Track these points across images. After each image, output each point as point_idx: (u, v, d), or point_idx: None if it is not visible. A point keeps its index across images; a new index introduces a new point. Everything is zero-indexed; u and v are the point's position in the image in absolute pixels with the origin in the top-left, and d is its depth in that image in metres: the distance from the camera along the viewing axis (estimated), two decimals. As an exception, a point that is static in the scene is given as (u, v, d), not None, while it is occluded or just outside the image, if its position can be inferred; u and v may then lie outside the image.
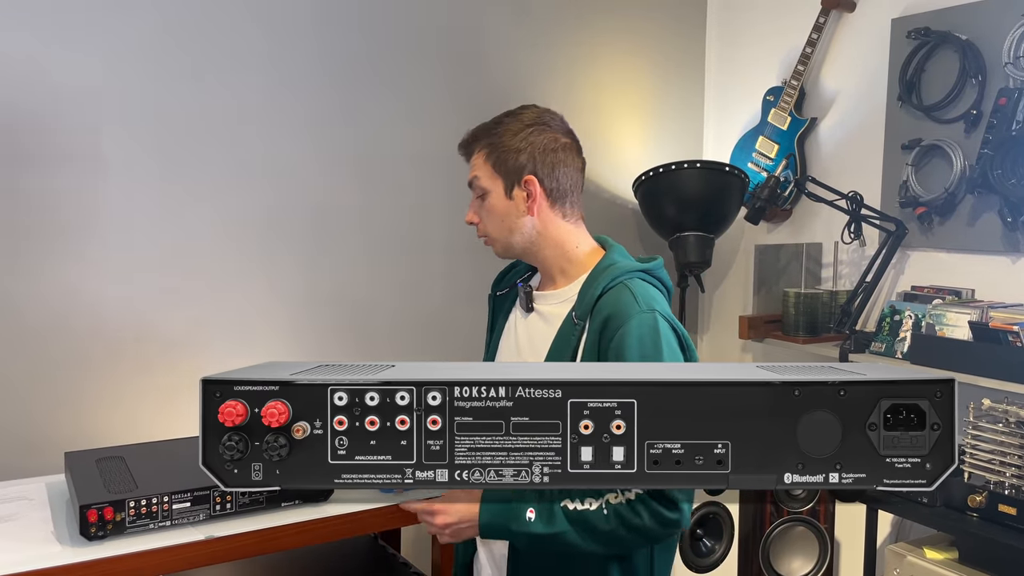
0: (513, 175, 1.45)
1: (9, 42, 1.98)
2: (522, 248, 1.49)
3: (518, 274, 1.62)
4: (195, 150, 2.24)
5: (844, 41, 2.79)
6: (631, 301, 1.35)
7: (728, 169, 2.74)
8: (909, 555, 2.15)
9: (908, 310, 2.44)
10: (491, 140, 1.47)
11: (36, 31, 2.01)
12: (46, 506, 1.62)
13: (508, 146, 1.45)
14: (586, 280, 1.43)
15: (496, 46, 2.74)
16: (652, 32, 3.10)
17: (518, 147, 1.44)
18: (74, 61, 2.06)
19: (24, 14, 1.99)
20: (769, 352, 3.01)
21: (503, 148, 1.45)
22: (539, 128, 1.46)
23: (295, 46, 2.37)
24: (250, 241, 2.33)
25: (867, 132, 2.71)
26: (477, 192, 1.49)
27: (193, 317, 2.25)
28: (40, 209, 2.05)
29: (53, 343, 2.07)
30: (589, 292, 1.39)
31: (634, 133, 3.07)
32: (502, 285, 1.64)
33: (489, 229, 1.49)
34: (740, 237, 3.14)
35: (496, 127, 1.47)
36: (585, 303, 1.39)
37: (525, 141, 1.45)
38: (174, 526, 1.51)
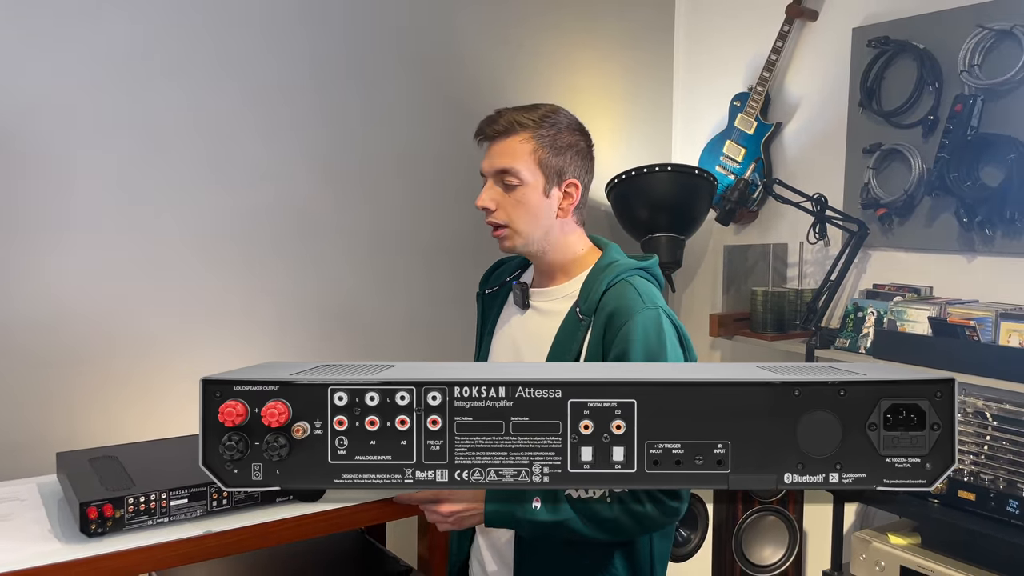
0: (557, 175, 1.43)
1: (-9, 45, 1.99)
2: (538, 247, 1.47)
3: (507, 271, 1.63)
4: (181, 153, 2.26)
5: (807, 49, 2.90)
6: (635, 297, 1.38)
7: (698, 172, 2.83)
8: (874, 541, 2.25)
9: (870, 307, 2.54)
10: (540, 133, 1.42)
11: (11, 33, 2.02)
12: (40, 506, 1.63)
13: (558, 145, 1.42)
14: (588, 277, 1.46)
15: (473, 50, 2.79)
16: (622, 38, 3.18)
17: (567, 145, 1.43)
18: (61, 63, 2.07)
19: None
20: (738, 349, 3.10)
21: (554, 146, 1.42)
22: (580, 133, 1.46)
23: (274, 49, 2.40)
24: (238, 243, 2.36)
25: (830, 136, 2.81)
26: (506, 179, 1.43)
27: (181, 319, 2.27)
28: (29, 209, 2.05)
29: (41, 345, 2.07)
30: (593, 289, 1.41)
31: (605, 136, 3.15)
32: (491, 283, 1.65)
33: (516, 222, 1.44)
34: (709, 238, 3.23)
35: (542, 121, 1.43)
36: (590, 300, 1.41)
37: (571, 140, 1.44)
38: (172, 522, 1.53)
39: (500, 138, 1.44)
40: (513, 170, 1.42)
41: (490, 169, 1.46)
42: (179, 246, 2.28)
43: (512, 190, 1.43)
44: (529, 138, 1.42)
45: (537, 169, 1.42)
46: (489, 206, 1.45)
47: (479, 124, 1.49)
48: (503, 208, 1.44)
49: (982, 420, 2.05)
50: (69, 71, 2.09)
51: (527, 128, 1.42)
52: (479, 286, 1.67)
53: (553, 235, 1.47)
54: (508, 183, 1.43)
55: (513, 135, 1.43)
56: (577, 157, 1.46)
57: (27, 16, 2.03)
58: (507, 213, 1.44)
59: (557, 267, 1.50)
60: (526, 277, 1.58)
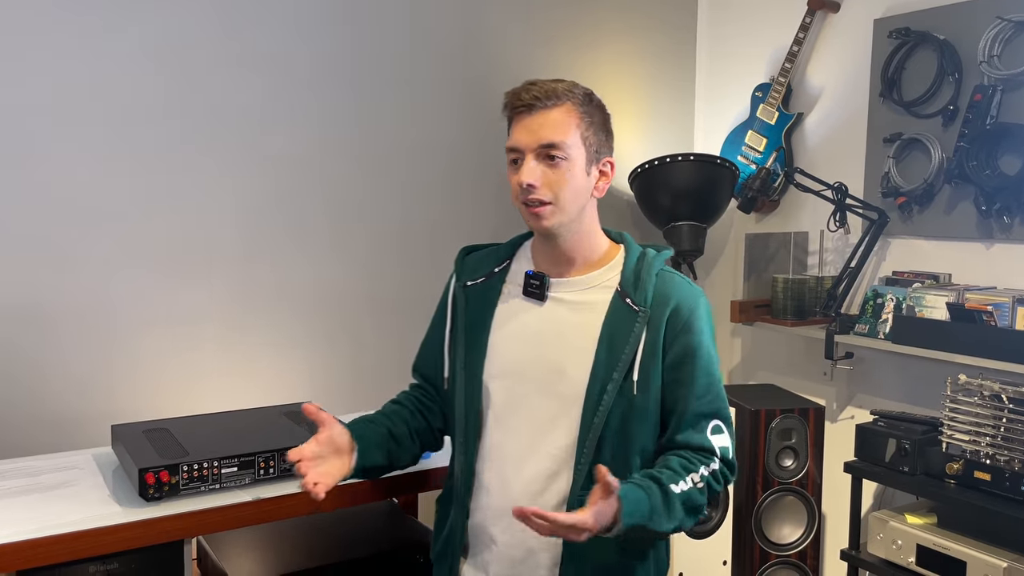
0: (597, 153, 1.39)
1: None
2: (575, 229, 1.40)
3: (490, 260, 1.52)
4: (224, 140, 2.35)
5: (829, 40, 2.94)
6: (689, 287, 1.46)
7: (720, 161, 2.88)
8: (891, 521, 2.30)
9: (890, 294, 2.59)
10: (586, 109, 1.36)
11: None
12: (97, 473, 1.73)
13: (597, 121, 1.38)
14: (630, 266, 1.43)
15: (498, 40, 2.86)
16: (645, 29, 3.23)
17: (602, 125, 1.39)
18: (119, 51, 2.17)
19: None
20: (758, 335, 3.16)
21: (594, 122, 1.37)
22: (608, 113, 1.43)
23: (308, 41, 2.48)
24: (279, 226, 2.47)
25: (851, 126, 2.86)
26: (552, 152, 1.33)
27: (219, 299, 2.37)
28: (85, 192, 2.16)
29: (91, 324, 2.18)
30: (642, 278, 1.41)
31: (628, 126, 3.21)
32: (473, 274, 1.51)
33: (566, 201, 1.35)
34: (730, 226, 3.29)
35: (587, 99, 1.37)
36: (642, 289, 1.40)
37: (605, 120, 1.40)
38: (223, 489, 1.63)
39: (542, 109, 1.33)
40: (562, 144, 1.33)
41: (532, 142, 1.33)
42: (225, 227, 2.38)
43: (557, 164, 1.34)
44: (573, 111, 1.34)
45: (581, 145, 1.35)
46: (535, 182, 1.33)
47: (511, 94, 1.37)
48: (548, 184, 1.34)
49: (998, 403, 2.10)
50: (118, 59, 2.19)
51: (573, 100, 1.35)
52: (455, 276, 1.54)
53: (587, 216, 1.41)
54: (554, 156, 1.33)
55: (558, 106, 1.33)
56: (609, 137, 1.43)
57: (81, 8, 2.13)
58: (552, 190, 1.34)
59: (578, 254, 1.43)
60: (527, 266, 1.47)
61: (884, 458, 2.35)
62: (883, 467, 2.35)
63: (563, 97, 1.34)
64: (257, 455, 1.65)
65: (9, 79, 2.06)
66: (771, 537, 2.56)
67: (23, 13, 2.06)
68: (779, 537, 2.57)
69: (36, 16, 2.08)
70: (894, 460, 2.32)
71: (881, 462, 2.35)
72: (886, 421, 2.42)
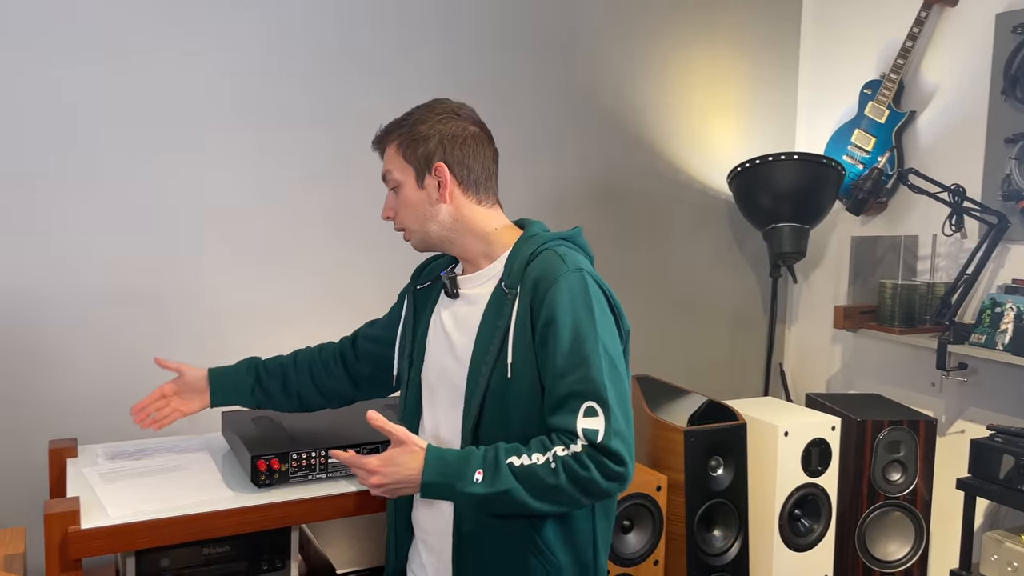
0: (423, 163, 1.45)
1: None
2: (439, 237, 1.48)
3: (440, 266, 1.61)
4: (309, 139, 2.40)
5: (946, 35, 2.81)
6: (559, 262, 1.38)
7: (825, 161, 2.79)
8: (1007, 541, 2.18)
9: (1010, 303, 2.46)
10: (401, 132, 1.48)
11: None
12: (209, 459, 1.78)
13: (417, 135, 1.45)
14: (510, 254, 1.45)
15: (594, 44, 2.83)
16: (745, 26, 3.15)
17: (427, 135, 1.45)
18: (188, 60, 2.24)
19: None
20: (862, 343, 3.05)
21: (412, 137, 1.46)
22: (448, 117, 1.46)
23: (402, 45, 2.51)
24: (356, 227, 2.49)
25: (968, 126, 2.72)
26: (391, 185, 1.49)
27: (298, 296, 2.42)
28: (171, 189, 2.23)
29: (184, 319, 2.26)
30: (516, 262, 1.42)
31: (726, 126, 3.13)
32: (423, 279, 1.63)
33: (406, 221, 1.49)
34: (832, 229, 3.18)
35: (406, 119, 1.49)
36: (514, 272, 1.41)
37: (434, 129, 1.45)
38: (329, 478, 1.66)
39: (383, 150, 1.52)
40: (389, 175, 1.49)
41: (384, 180, 1.52)
42: (306, 228, 2.42)
43: (398, 192, 1.49)
44: (394, 138, 1.49)
45: (405, 164, 1.47)
46: (388, 215, 1.52)
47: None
48: (395, 211, 1.51)
49: None
50: (207, 59, 2.26)
51: (391, 131, 1.50)
52: (410, 282, 1.66)
53: (443, 222, 1.47)
54: (393, 187, 1.50)
55: (386, 141, 1.50)
56: (447, 140, 1.45)
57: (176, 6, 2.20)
58: (400, 215, 1.50)
59: (476, 251, 1.49)
60: (459, 270, 1.57)
61: (999, 475, 2.23)
62: (999, 484, 2.23)
63: (386, 136, 1.50)
64: (362, 447, 1.67)
65: (120, 82, 2.15)
66: (875, 553, 2.46)
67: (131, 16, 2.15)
68: (884, 554, 2.47)
69: (142, 17, 2.16)
70: (1010, 478, 2.20)
71: (996, 479, 2.23)
72: (1004, 437, 2.29)
